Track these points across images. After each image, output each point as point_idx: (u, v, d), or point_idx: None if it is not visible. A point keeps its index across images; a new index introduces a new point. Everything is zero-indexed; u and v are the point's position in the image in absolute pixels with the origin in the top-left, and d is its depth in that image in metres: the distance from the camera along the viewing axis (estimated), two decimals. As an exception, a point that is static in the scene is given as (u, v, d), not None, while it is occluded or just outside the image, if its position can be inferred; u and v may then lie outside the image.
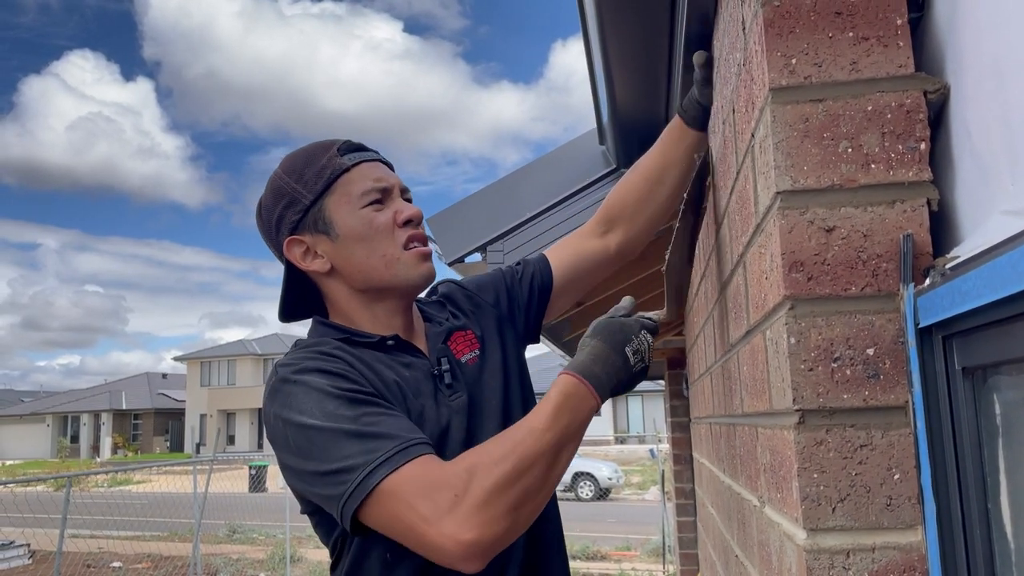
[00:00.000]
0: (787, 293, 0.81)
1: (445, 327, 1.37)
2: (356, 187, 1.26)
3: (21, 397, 59.81)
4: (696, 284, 2.12)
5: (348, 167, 1.27)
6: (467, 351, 1.35)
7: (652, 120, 2.12)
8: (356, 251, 1.25)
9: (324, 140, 1.33)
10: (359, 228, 1.25)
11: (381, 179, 1.28)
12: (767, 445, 0.97)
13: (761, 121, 0.88)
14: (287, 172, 1.30)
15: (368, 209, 1.25)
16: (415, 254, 1.27)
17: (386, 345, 1.26)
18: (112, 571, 11.93)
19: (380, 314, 1.29)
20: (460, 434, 1.23)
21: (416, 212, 1.29)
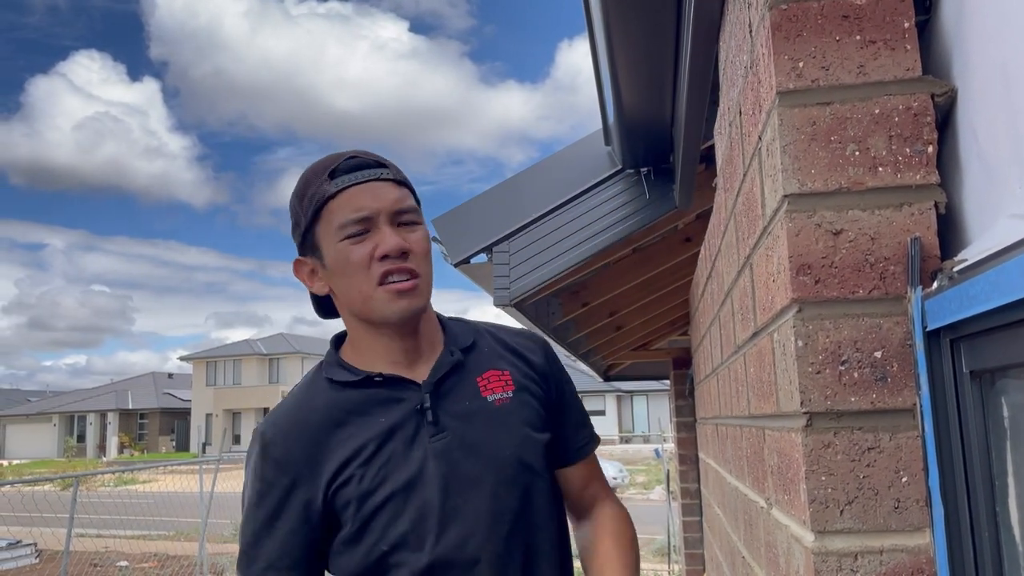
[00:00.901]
0: (795, 296, 0.81)
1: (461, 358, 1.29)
2: (336, 217, 1.20)
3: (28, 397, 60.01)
4: (702, 285, 2.12)
5: (332, 194, 1.21)
6: (498, 389, 1.28)
7: (658, 121, 2.12)
8: (339, 283, 1.24)
9: (332, 155, 1.27)
10: (338, 262, 1.21)
11: (361, 208, 1.19)
12: (774, 447, 0.97)
13: (768, 124, 0.88)
14: (296, 191, 1.28)
15: (346, 243, 1.20)
16: (389, 291, 1.19)
17: (372, 383, 1.25)
18: (118, 570, 11.97)
19: (380, 340, 1.26)
20: (436, 480, 1.19)
21: (394, 245, 1.18)
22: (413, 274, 1.21)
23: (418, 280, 1.21)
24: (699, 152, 2.01)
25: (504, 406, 1.26)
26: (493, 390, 1.27)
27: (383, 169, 1.24)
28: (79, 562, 12.06)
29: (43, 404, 53.67)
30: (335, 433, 1.22)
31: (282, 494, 1.22)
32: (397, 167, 1.28)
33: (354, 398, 1.24)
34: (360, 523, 1.20)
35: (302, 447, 1.22)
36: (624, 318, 4.21)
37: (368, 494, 1.20)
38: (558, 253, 2.46)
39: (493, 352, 1.33)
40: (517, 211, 2.50)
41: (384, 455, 1.20)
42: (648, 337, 5.42)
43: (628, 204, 2.49)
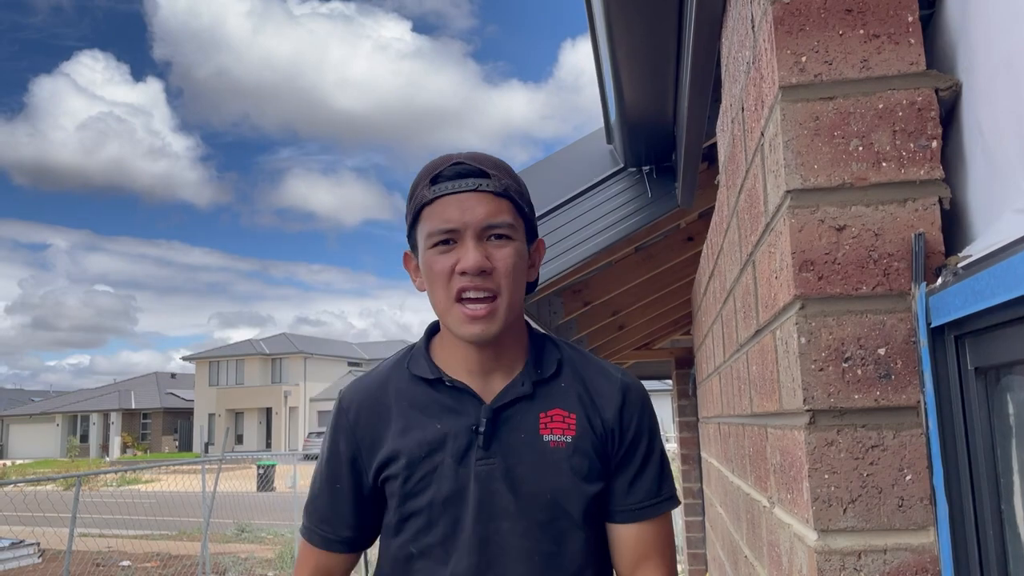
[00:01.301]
0: (797, 292, 0.80)
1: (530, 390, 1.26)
2: (428, 225, 1.20)
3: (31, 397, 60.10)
4: (704, 283, 2.12)
5: (429, 200, 1.21)
6: (557, 431, 1.25)
7: (660, 119, 2.11)
8: (427, 287, 1.25)
9: (443, 157, 1.26)
10: (425, 268, 1.22)
11: (450, 220, 1.18)
12: (777, 445, 0.96)
13: (771, 119, 0.88)
14: (410, 189, 1.29)
15: (434, 251, 1.20)
16: (461, 313, 1.19)
17: (443, 385, 1.26)
18: (121, 570, 11.98)
19: (459, 345, 1.26)
20: (473, 503, 1.21)
21: (473, 263, 1.16)
22: (491, 295, 1.19)
23: (495, 303, 1.19)
24: (701, 150, 2.00)
25: (558, 449, 1.23)
26: (552, 430, 1.25)
27: (484, 180, 1.20)
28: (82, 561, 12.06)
29: (46, 404, 53.74)
30: (397, 423, 1.26)
31: (344, 461, 1.30)
32: (509, 175, 1.24)
33: (423, 395, 1.27)
34: (399, 518, 1.26)
35: (368, 426, 1.28)
36: (626, 317, 4.20)
37: (410, 496, 1.24)
38: (560, 252, 2.45)
39: (569, 389, 1.28)
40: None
41: (432, 463, 1.23)
42: (650, 337, 5.41)
43: (630, 203, 2.48)
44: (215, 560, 11.85)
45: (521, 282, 1.23)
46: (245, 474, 18.72)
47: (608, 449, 1.26)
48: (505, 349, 1.26)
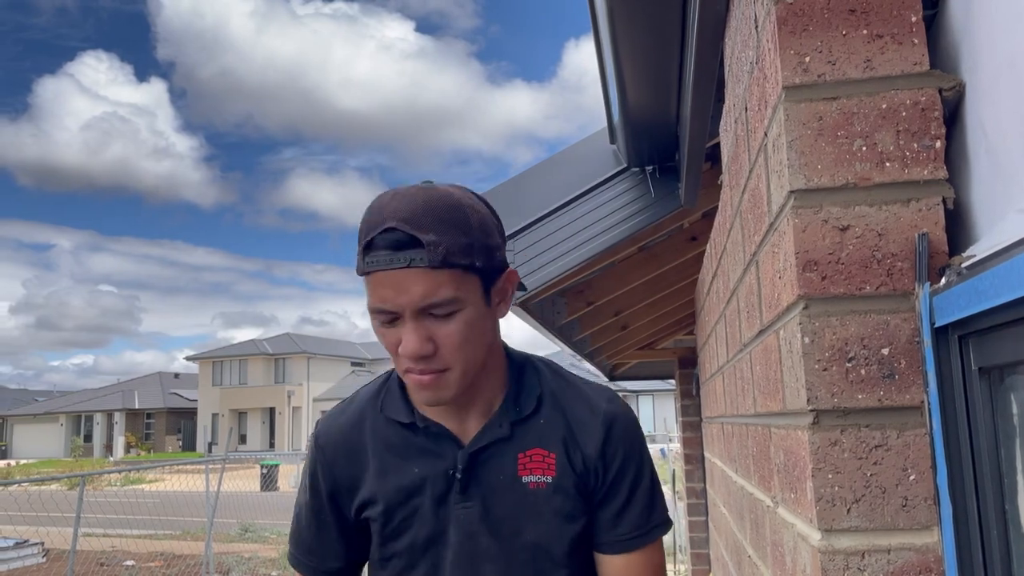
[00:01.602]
0: (801, 292, 0.80)
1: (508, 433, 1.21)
2: (368, 297, 1.12)
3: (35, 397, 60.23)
4: (708, 283, 2.12)
5: (367, 272, 1.10)
6: (537, 471, 1.20)
7: (663, 119, 2.11)
8: None
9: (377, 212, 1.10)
10: (376, 330, 1.15)
11: (385, 300, 1.08)
12: (781, 445, 0.96)
13: (774, 120, 0.88)
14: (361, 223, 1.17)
15: (377, 323, 1.12)
16: (412, 381, 1.14)
17: (415, 427, 1.23)
18: (125, 569, 12.00)
19: None
20: (453, 546, 1.20)
21: (411, 351, 1.08)
22: (441, 368, 1.11)
23: (445, 375, 1.12)
24: (705, 150, 2.00)
25: (538, 491, 1.19)
26: (532, 471, 1.20)
27: (419, 252, 1.06)
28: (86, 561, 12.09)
29: (50, 404, 53.85)
30: (374, 464, 1.23)
31: (324, 496, 1.28)
32: (454, 229, 1.08)
33: (398, 437, 1.23)
34: (381, 556, 1.25)
35: (345, 467, 1.26)
36: (629, 317, 4.20)
37: (390, 538, 1.23)
38: (562, 252, 2.45)
39: (549, 425, 1.22)
40: (521, 210, 2.49)
41: (411, 507, 1.21)
42: (654, 336, 5.41)
43: (633, 203, 2.48)
44: (219, 560, 11.87)
45: (477, 343, 1.14)
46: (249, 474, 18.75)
47: (591, 484, 1.21)
48: (478, 391, 1.21)
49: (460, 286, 1.08)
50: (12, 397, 58.60)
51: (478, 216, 1.11)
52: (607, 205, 2.46)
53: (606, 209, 2.46)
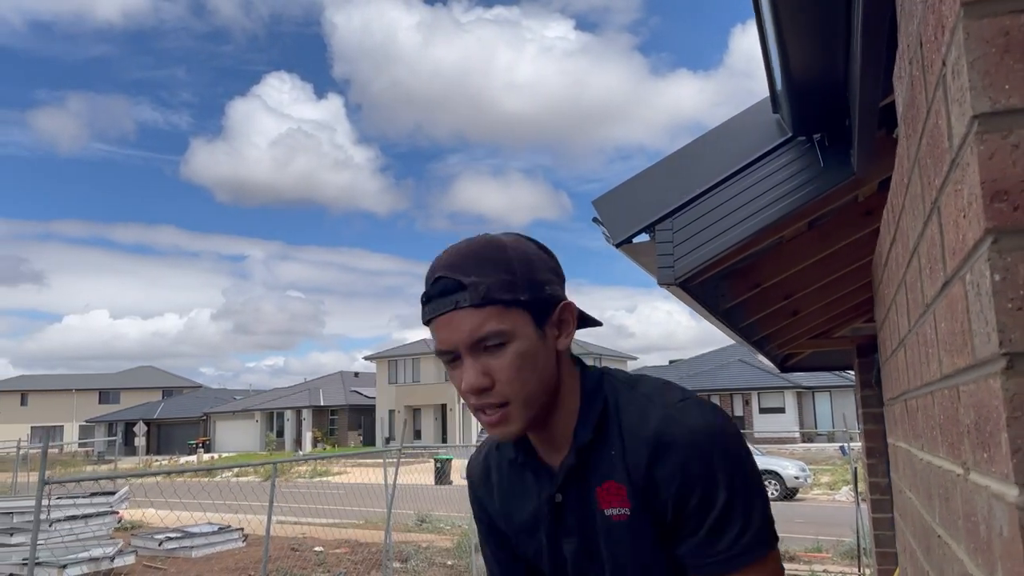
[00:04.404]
0: (989, 226, 0.72)
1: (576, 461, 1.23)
2: (434, 343, 1.21)
3: (234, 396, 65.64)
4: (885, 253, 1.97)
5: (427, 321, 1.21)
6: (616, 504, 1.21)
7: (830, 81, 1.99)
8: None
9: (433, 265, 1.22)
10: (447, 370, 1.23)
11: (443, 342, 1.17)
12: (970, 403, 0.88)
13: (952, 43, 0.80)
14: None
15: (446, 364, 1.21)
16: (481, 421, 1.20)
17: (520, 463, 1.30)
18: (315, 555, 12.82)
19: None
20: None
21: (469, 386, 1.15)
22: (501, 404, 1.16)
23: (506, 410, 1.17)
24: (878, 109, 1.87)
25: (622, 523, 1.20)
26: (611, 503, 1.21)
27: (462, 294, 1.15)
28: (280, 546, 13.03)
29: (247, 402, 58.55)
30: (500, 504, 1.39)
31: (486, 523, 1.45)
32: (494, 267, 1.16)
33: (512, 475, 1.35)
34: None
35: (486, 496, 1.43)
36: (801, 301, 3.99)
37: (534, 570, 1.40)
38: (724, 228, 2.37)
39: (614, 455, 1.21)
40: (680, 187, 2.43)
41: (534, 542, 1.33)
42: (829, 324, 5.12)
43: (800, 173, 2.36)
44: (398, 548, 12.43)
45: (533, 375, 1.17)
46: (424, 468, 19.51)
47: (659, 510, 1.17)
48: (554, 424, 1.24)
49: (506, 320, 1.15)
50: (214, 396, 64.19)
51: (521, 255, 1.19)
52: (771, 178, 2.35)
53: (770, 182, 2.35)
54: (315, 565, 12.07)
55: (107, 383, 69.37)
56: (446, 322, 1.16)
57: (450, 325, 1.16)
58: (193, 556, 12.66)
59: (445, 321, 1.16)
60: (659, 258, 2.36)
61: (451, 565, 12.05)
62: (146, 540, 13.09)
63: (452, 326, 1.16)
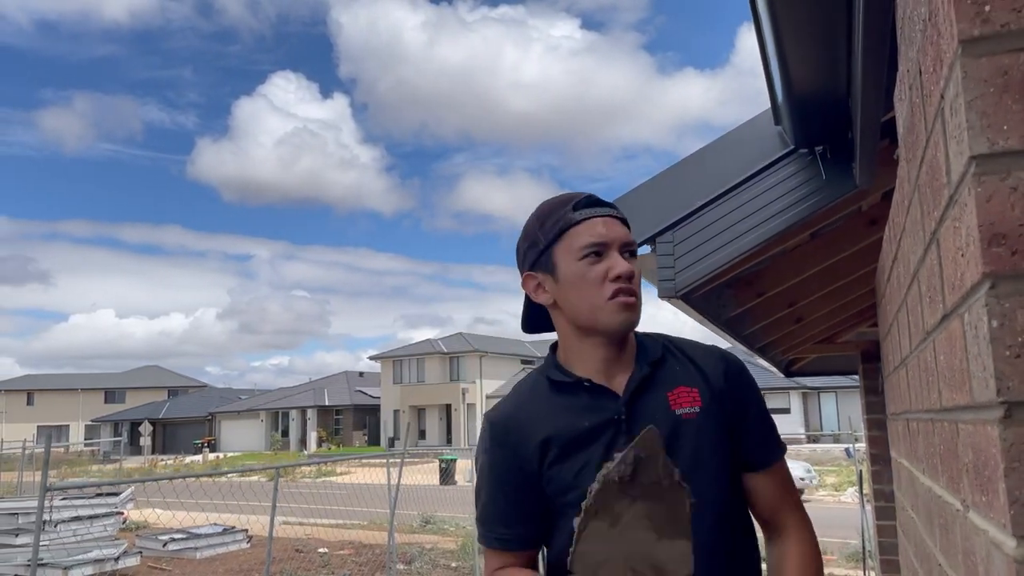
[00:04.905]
0: (987, 270, 0.71)
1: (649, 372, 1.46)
2: (578, 240, 1.43)
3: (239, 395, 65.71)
4: (888, 268, 1.96)
5: (576, 221, 1.44)
6: (686, 404, 1.44)
7: (832, 94, 1.98)
8: (570, 294, 1.45)
9: (571, 192, 1.51)
10: (574, 275, 1.43)
11: (601, 235, 1.42)
12: (969, 442, 0.86)
13: (951, 79, 0.79)
14: (536, 217, 1.52)
15: (585, 261, 1.42)
16: (617, 303, 1.40)
17: (582, 387, 1.45)
18: (319, 556, 12.83)
19: (587, 347, 1.47)
20: None
21: (627, 268, 1.41)
22: (635, 294, 1.43)
23: (637, 300, 1.43)
24: (880, 124, 1.85)
25: (692, 420, 1.42)
26: (681, 404, 1.43)
27: (614, 210, 1.48)
28: (284, 547, 13.04)
29: (252, 402, 58.63)
30: (546, 427, 1.44)
31: (506, 465, 1.47)
32: None
33: (564, 400, 1.46)
34: (558, 510, 1.43)
35: (519, 432, 1.46)
36: (804, 309, 3.97)
37: (565, 490, 1.41)
38: (726, 241, 2.36)
39: (683, 368, 1.49)
40: (681, 199, 2.42)
41: (582, 457, 1.41)
42: (833, 329, 5.10)
43: (803, 186, 2.34)
44: (402, 550, 12.43)
45: None
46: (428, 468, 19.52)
47: (728, 409, 1.46)
48: (626, 346, 1.48)
49: None
50: (219, 396, 64.29)
51: None
52: (773, 190, 2.34)
53: (772, 195, 2.33)
54: (319, 567, 12.08)
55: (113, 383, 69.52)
56: (604, 221, 1.44)
57: (608, 224, 1.44)
58: (198, 557, 12.68)
59: (603, 221, 1.44)
60: (660, 271, 2.35)
61: (455, 567, 12.05)
62: (151, 541, 13.12)
63: (610, 226, 1.44)
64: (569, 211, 1.46)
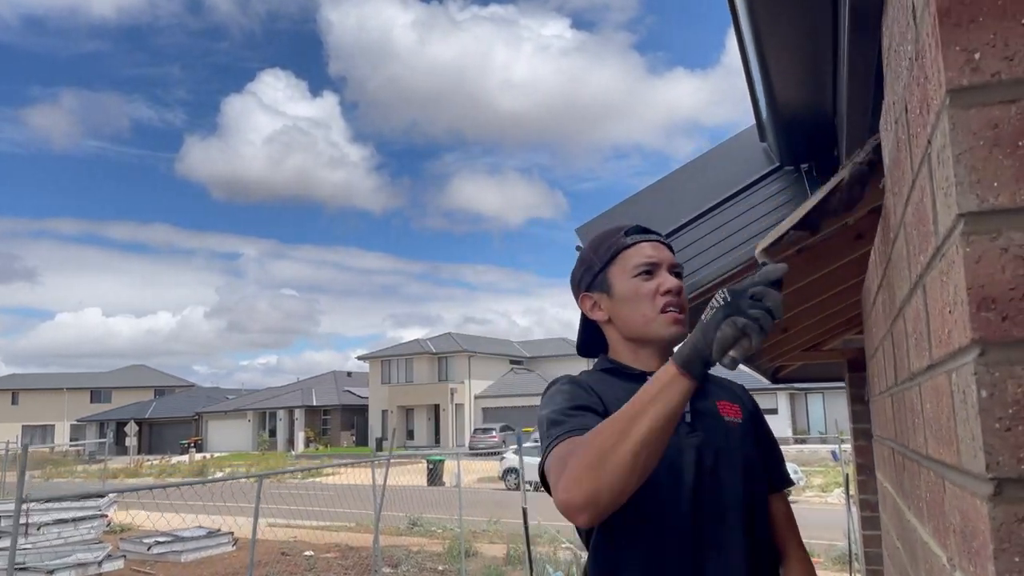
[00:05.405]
0: (976, 336, 0.67)
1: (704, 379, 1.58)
2: (631, 261, 1.62)
3: (226, 395, 65.35)
4: (874, 292, 1.92)
5: (628, 245, 1.64)
6: (731, 415, 1.63)
7: (817, 114, 1.94)
8: (624, 309, 1.62)
9: (621, 224, 1.71)
10: (629, 292, 1.61)
11: (651, 256, 1.62)
12: (956, 505, 0.82)
13: (938, 127, 0.74)
14: (590, 245, 1.72)
15: (638, 279, 1.60)
16: (668, 317, 1.58)
17: (645, 378, 1.50)
18: (305, 559, 12.74)
19: (641, 357, 1.64)
20: (691, 466, 1.51)
21: (676, 285, 1.60)
22: (683, 308, 1.61)
23: (685, 315, 1.61)
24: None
25: (737, 426, 1.61)
26: (728, 413, 1.62)
27: (660, 236, 1.70)
28: (270, 550, 12.95)
29: (239, 402, 58.32)
30: (613, 401, 1.50)
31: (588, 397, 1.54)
32: None
33: (623, 389, 1.51)
34: None
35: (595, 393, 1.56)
36: (790, 320, 3.94)
37: None
38: (713, 257, 2.32)
39: (720, 388, 1.69)
40: (666, 215, 2.38)
41: None
42: (819, 337, 5.07)
43: (789, 203, 2.30)
44: (388, 552, 12.37)
45: None
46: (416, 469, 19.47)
47: (755, 431, 1.65)
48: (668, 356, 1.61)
49: None
50: (206, 395, 63.93)
51: None
52: (758, 208, 2.30)
53: (757, 212, 2.30)
54: (305, 570, 11.99)
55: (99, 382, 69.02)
56: (653, 245, 1.65)
57: (657, 247, 1.65)
58: (183, 560, 12.57)
59: (652, 244, 1.65)
60: (643, 289, 2.30)
61: (441, 571, 11.99)
62: (135, 544, 13.00)
63: (659, 249, 1.65)
64: (621, 237, 1.66)
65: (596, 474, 1.23)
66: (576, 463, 1.26)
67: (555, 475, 1.32)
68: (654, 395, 1.26)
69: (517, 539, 11.42)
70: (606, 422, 1.30)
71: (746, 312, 1.22)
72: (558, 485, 1.29)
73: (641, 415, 1.25)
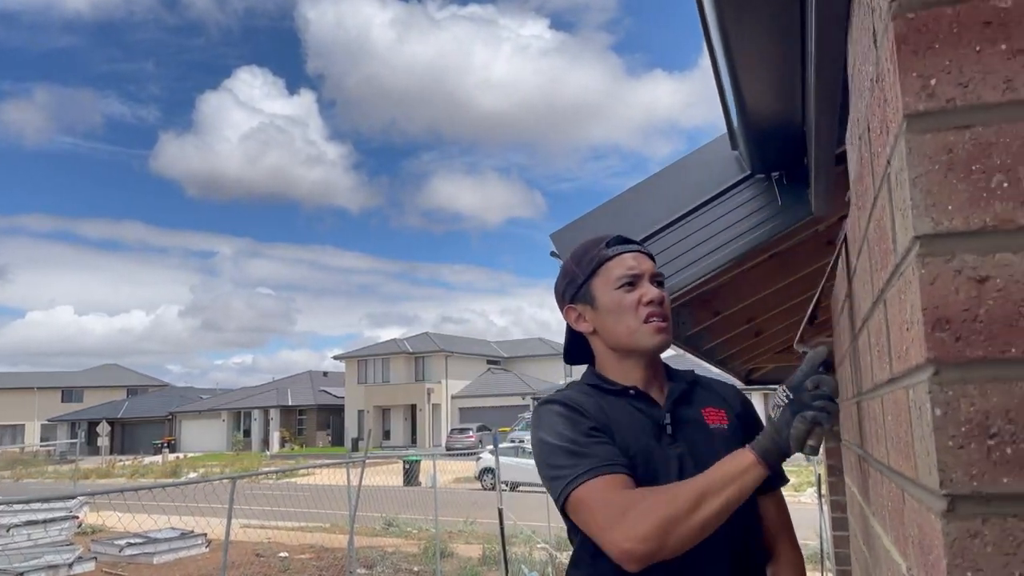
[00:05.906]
0: (930, 356, 0.69)
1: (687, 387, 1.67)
2: (613, 273, 1.62)
3: (200, 395, 64.73)
4: (841, 300, 1.95)
5: (610, 257, 1.65)
6: (716, 421, 1.64)
7: (787, 123, 1.96)
8: (608, 320, 1.63)
9: (601, 235, 1.72)
10: (612, 303, 1.61)
11: (633, 267, 1.62)
12: (914, 518, 0.84)
13: (896, 151, 0.76)
14: (572, 257, 1.73)
15: (620, 290, 1.61)
16: (651, 327, 1.59)
17: (628, 394, 1.62)
18: (279, 561, 12.66)
19: (627, 367, 1.65)
20: (674, 478, 1.51)
21: (658, 295, 1.61)
22: (666, 318, 1.62)
23: (669, 323, 1.63)
24: (835, 157, 1.84)
25: (721, 433, 1.62)
26: (712, 420, 1.64)
27: (641, 246, 1.71)
28: (244, 552, 12.85)
29: (213, 401, 57.78)
30: (599, 415, 1.56)
31: (591, 422, 1.54)
32: None
33: (611, 401, 1.61)
34: None
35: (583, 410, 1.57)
36: (764, 324, 3.99)
37: None
38: (683, 265, 2.34)
39: (709, 394, 1.71)
40: (639, 223, 2.39)
41: (642, 444, 1.55)
42: (792, 340, 5.13)
43: (760, 211, 2.33)
44: (364, 554, 12.32)
45: None
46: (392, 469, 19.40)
47: (745, 434, 1.59)
48: (657, 366, 1.68)
49: None
50: (180, 395, 63.28)
51: None
52: (730, 215, 2.32)
53: (729, 219, 2.32)
54: (279, 571, 11.92)
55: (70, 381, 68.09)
56: (635, 256, 1.65)
57: (638, 258, 1.65)
58: (155, 562, 12.44)
59: (633, 255, 1.65)
60: (617, 295, 2.32)
61: (417, 572, 11.97)
62: (106, 546, 12.86)
63: (640, 259, 1.65)
64: (603, 248, 1.66)
65: (664, 537, 1.32)
66: (643, 520, 1.33)
67: (605, 517, 1.38)
68: (730, 478, 1.36)
69: (493, 539, 11.44)
70: (679, 489, 1.38)
71: (811, 405, 1.35)
72: (615, 530, 1.35)
73: (715, 494, 1.35)
